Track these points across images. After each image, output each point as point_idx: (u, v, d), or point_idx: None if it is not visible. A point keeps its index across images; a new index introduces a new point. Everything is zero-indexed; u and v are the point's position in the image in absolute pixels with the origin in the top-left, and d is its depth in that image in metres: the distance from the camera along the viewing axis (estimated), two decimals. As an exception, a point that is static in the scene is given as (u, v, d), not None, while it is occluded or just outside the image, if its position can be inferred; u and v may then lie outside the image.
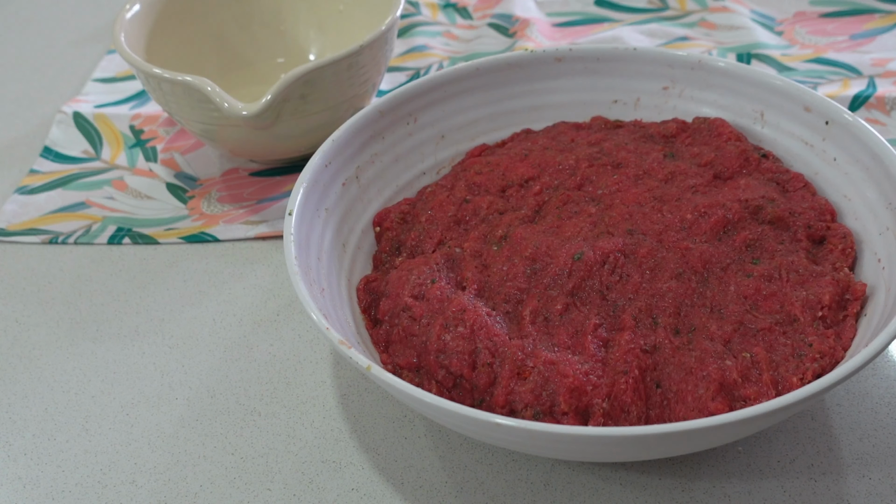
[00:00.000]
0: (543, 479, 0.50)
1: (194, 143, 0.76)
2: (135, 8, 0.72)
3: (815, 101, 0.59)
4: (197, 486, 0.51)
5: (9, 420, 0.56)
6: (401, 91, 0.63)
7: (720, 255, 0.53)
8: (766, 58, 0.80)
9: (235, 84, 0.77)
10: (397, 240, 0.59)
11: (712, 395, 0.46)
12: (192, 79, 0.63)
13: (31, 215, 0.71)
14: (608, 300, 0.52)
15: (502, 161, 0.62)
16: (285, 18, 0.80)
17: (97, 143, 0.77)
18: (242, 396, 0.56)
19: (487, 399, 0.49)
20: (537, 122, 0.67)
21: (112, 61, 0.88)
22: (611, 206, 0.57)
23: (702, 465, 0.50)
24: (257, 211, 0.69)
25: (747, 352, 0.48)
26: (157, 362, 0.59)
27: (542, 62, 0.66)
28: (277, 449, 0.53)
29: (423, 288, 0.53)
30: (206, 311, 0.62)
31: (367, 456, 0.52)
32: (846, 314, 0.51)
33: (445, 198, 0.60)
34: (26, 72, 0.89)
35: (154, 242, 0.68)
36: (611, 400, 0.47)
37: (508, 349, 0.49)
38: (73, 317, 0.63)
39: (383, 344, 0.53)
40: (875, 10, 0.85)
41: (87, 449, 0.54)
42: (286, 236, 0.53)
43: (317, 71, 0.64)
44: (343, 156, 0.60)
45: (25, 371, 0.59)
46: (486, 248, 0.56)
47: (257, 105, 0.62)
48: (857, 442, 0.51)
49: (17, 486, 0.52)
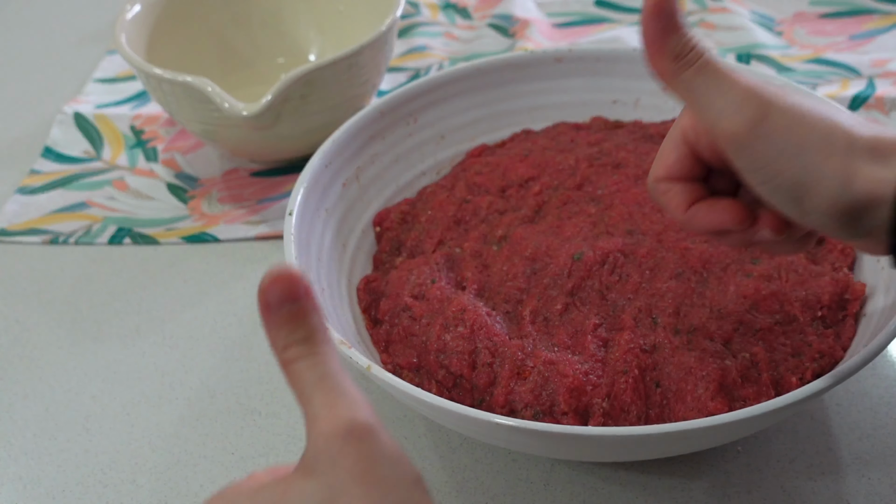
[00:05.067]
0: (543, 479, 0.50)
1: (195, 144, 0.76)
2: (135, 8, 0.72)
3: (815, 102, 0.59)
4: (197, 485, 0.52)
5: (9, 420, 0.56)
6: (401, 91, 0.63)
7: (720, 255, 0.53)
8: (766, 58, 0.80)
9: (235, 84, 0.77)
10: (397, 240, 0.59)
11: (712, 394, 0.46)
12: (193, 79, 0.63)
13: (31, 215, 0.71)
14: (608, 300, 0.52)
15: (502, 161, 0.62)
16: (285, 19, 0.80)
17: (98, 144, 0.77)
18: (243, 396, 0.56)
19: (487, 399, 0.49)
20: (537, 122, 0.67)
21: (113, 62, 0.88)
22: (611, 206, 0.57)
23: (702, 465, 0.50)
24: (258, 211, 0.69)
25: (747, 352, 0.48)
26: (158, 362, 0.59)
27: (542, 62, 0.66)
28: (277, 449, 0.53)
29: (423, 288, 0.53)
30: (206, 311, 0.62)
31: (367, 456, 0.52)
32: (846, 314, 0.51)
33: (445, 198, 0.60)
34: (27, 72, 0.89)
35: (154, 242, 0.68)
36: (610, 400, 0.47)
37: (508, 349, 0.49)
38: (73, 317, 0.63)
39: (383, 344, 0.53)
40: (874, 10, 0.85)
41: (87, 448, 0.54)
42: (286, 236, 0.53)
43: (317, 71, 0.64)
44: (343, 156, 0.60)
45: (26, 371, 0.59)
46: (486, 248, 0.56)
47: (258, 105, 0.62)
48: (857, 441, 0.51)
49: (18, 486, 0.52)
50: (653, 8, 0.40)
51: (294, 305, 0.32)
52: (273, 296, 0.32)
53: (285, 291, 0.32)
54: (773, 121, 0.38)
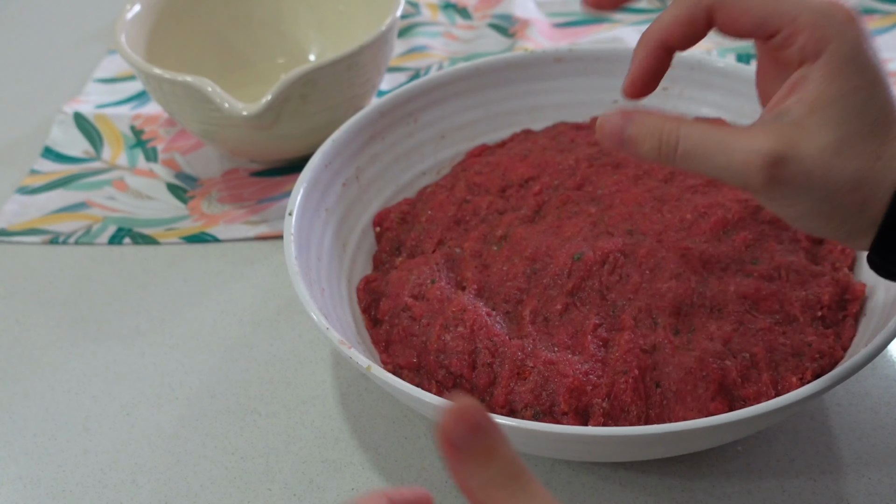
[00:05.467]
0: (543, 479, 0.50)
1: (195, 144, 0.76)
2: (135, 8, 0.72)
3: (815, 102, 0.59)
4: (197, 485, 0.52)
5: (9, 420, 0.56)
6: (401, 91, 0.63)
7: (720, 255, 0.53)
8: (766, 58, 0.80)
9: (235, 84, 0.77)
10: (397, 240, 0.59)
11: (712, 394, 0.46)
12: (193, 79, 0.63)
13: (31, 215, 0.71)
14: (608, 300, 0.52)
15: (502, 161, 0.62)
16: (285, 18, 0.80)
17: (98, 144, 0.77)
18: (242, 396, 0.56)
19: (487, 399, 0.49)
20: (537, 122, 0.67)
21: (113, 61, 0.88)
22: (611, 206, 0.57)
23: (702, 465, 0.50)
24: (257, 211, 0.69)
25: (747, 352, 0.48)
26: (158, 362, 0.59)
27: (541, 62, 0.66)
28: (277, 449, 0.53)
29: (423, 288, 0.53)
30: (206, 311, 0.62)
31: (367, 456, 0.52)
32: (846, 314, 0.51)
33: (445, 198, 0.60)
34: (27, 72, 0.89)
35: (154, 242, 0.68)
36: (611, 400, 0.47)
37: (508, 349, 0.49)
38: (73, 317, 0.63)
39: (383, 344, 0.53)
40: (875, 10, 0.85)
41: (87, 449, 0.54)
42: (286, 236, 0.53)
43: (317, 71, 0.64)
44: (343, 156, 0.60)
45: (26, 371, 0.59)
46: (486, 248, 0.56)
47: (258, 105, 0.62)
48: (857, 442, 0.51)
49: (18, 486, 0.52)
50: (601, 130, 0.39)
51: (486, 439, 0.29)
52: (458, 434, 0.29)
53: (472, 426, 0.29)
54: (790, 170, 0.37)
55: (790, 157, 0.36)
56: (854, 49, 0.36)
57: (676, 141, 0.38)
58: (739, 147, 0.37)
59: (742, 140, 0.37)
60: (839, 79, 0.36)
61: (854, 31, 0.36)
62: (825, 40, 0.36)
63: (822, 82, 0.36)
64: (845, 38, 0.36)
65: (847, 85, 0.36)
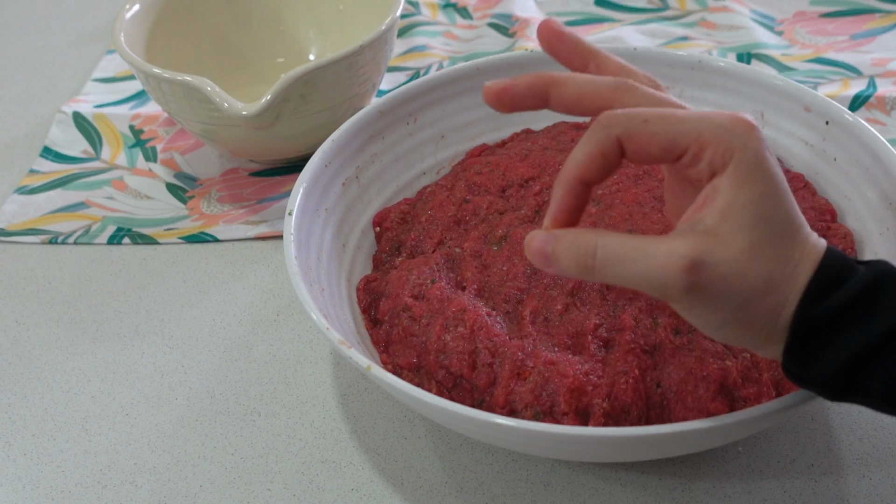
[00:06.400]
0: (543, 479, 0.50)
1: (194, 143, 0.76)
2: (134, 8, 0.72)
3: (816, 101, 0.59)
4: (197, 486, 0.51)
5: (8, 420, 0.56)
6: (401, 91, 0.63)
7: (720, 255, 0.53)
8: (767, 58, 0.80)
9: (235, 84, 0.77)
10: (397, 240, 0.59)
11: (712, 395, 0.46)
12: (192, 79, 0.63)
13: (30, 215, 0.71)
14: (608, 300, 0.51)
15: (502, 161, 0.62)
16: (285, 18, 0.80)
17: (97, 143, 0.77)
18: (242, 396, 0.56)
19: (487, 399, 0.48)
20: (537, 122, 0.67)
21: (112, 61, 0.88)
22: (611, 205, 0.57)
23: (702, 465, 0.50)
24: (257, 211, 0.69)
25: (747, 352, 0.48)
26: (157, 362, 0.59)
27: (542, 62, 0.66)
28: (277, 449, 0.53)
29: (423, 288, 0.53)
30: (206, 311, 0.62)
31: (367, 456, 0.52)
32: (846, 314, 0.51)
33: (445, 198, 0.60)
34: (26, 72, 0.89)
35: (154, 242, 0.68)
36: (611, 400, 0.47)
37: (508, 349, 0.49)
38: (72, 317, 0.62)
39: (383, 344, 0.53)
40: (875, 10, 0.85)
41: (86, 449, 0.54)
42: (286, 236, 0.53)
43: (317, 71, 0.64)
44: (343, 156, 0.60)
45: (25, 371, 0.59)
46: (486, 248, 0.56)
47: (257, 105, 0.62)
48: (857, 442, 0.51)
49: (17, 486, 0.52)
50: (528, 249, 0.40)
51: None
52: None
53: None
54: (708, 275, 0.37)
55: (707, 263, 0.37)
56: (757, 156, 0.37)
57: (594, 251, 0.38)
58: (657, 252, 0.37)
59: (660, 246, 0.37)
60: (746, 186, 0.37)
61: (755, 141, 0.37)
62: (730, 151, 0.37)
63: (731, 190, 0.37)
64: (748, 146, 0.37)
65: (754, 191, 0.37)
